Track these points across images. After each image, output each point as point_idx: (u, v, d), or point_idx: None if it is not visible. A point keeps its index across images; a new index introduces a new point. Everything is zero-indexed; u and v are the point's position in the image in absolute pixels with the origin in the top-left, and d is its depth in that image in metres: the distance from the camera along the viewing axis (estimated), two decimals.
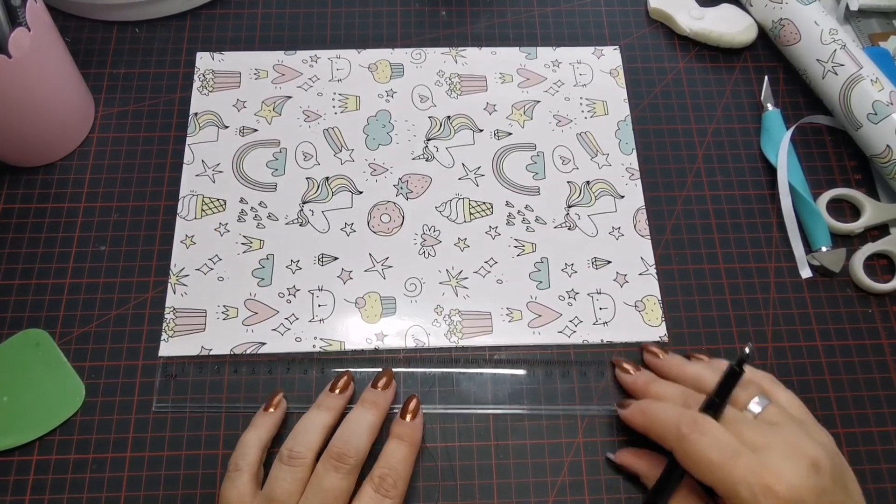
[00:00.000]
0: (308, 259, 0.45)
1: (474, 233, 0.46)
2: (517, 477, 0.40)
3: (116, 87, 0.50)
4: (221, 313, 0.44)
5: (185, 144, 0.48)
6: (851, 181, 0.49)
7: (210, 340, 0.43)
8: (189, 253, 0.45)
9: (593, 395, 0.42)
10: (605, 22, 0.54)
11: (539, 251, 0.46)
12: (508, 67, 0.51)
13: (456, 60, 0.51)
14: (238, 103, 0.49)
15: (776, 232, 0.47)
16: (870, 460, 0.41)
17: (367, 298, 0.44)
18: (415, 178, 0.47)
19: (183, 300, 0.44)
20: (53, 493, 0.39)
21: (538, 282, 0.45)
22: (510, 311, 0.44)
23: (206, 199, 0.47)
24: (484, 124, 0.49)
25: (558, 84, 0.51)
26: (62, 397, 0.41)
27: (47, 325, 0.43)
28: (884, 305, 0.45)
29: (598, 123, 0.50)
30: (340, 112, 0.49)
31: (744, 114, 0.51)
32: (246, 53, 0.51)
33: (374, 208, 0.47)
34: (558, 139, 0.49)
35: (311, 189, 0.47)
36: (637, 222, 0.47)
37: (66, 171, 0.48)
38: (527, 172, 0.48)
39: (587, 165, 0.48)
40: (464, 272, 0.45)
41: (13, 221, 0.46)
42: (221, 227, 0.46)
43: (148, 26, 0.52)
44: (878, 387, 0.43)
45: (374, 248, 0.46)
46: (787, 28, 0.50)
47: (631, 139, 0.49)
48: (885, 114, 0.45)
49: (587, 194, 0.47)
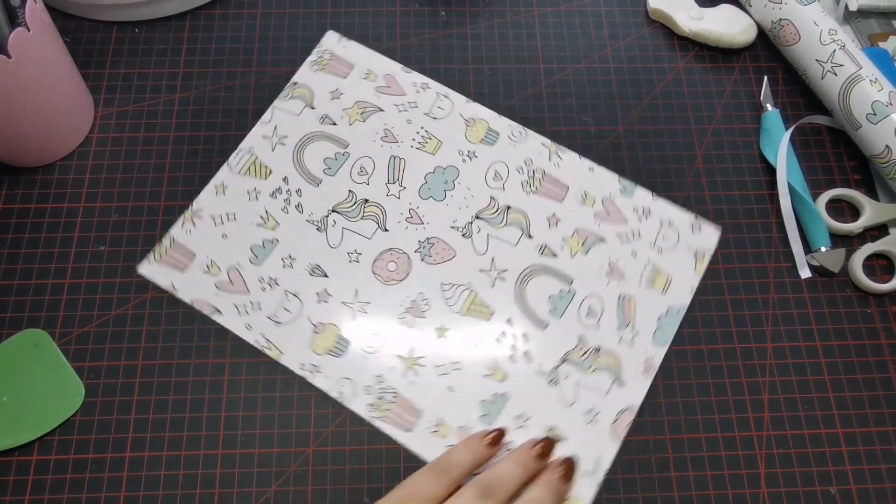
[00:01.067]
0: (303, 262, 0.45)
1: (460, 329, 0.43)
2: None
3: (116, 88, 0.50)
4: (205, 265, 0.44)
5: (272, 105, 0.49)
6: (851, 181, 0.49)
7: (181, 283, 0.44)
8: (215, 200, 0.46)
9: None
10: (604, 22, 0.54)
11: (505, 385, 0.42)
12: (596, 190, 0.47)
13: (550, 158, 0.48)
14: (336, 92, 0.49)
15: (775, 232, 0.47)
16: (869, 460, 0.41)
17: (326, 328, 0.43)
18: (441, 246, 0.45)
19: (184, 236, 0.45)
20: (53, 493, 0.39)
21: (485, 413, 0.41)
22: (440, 425, 0.41)
23: (258, 161, 0.47)
24: (537, 233, 0.46)
25: (635, 234, 0.46)
26: (62, 397, 0.41)
27: (47, 325, 0.43)
28: (883, 306, 0.45)
29: (647, 297, 0.44)
30: (417, 147, 0.48)
31: (743, 114, 0.51)
32: (368, 51, 0.51)
33: (388, 252, 0.45)
34: (599, 288, 0.44)
35: (347, 202, 0.46)
36: (618, 422, 0.41)
37: (65, 172, 0.48)
38: (546, 303, 0.44)
39: (609, 331, 0.43)
40: (425, 359, 0.42)
41: (13, 221, 0.46)
42: (254, 192, 0.46)
43: (147, 26, 0.52)
44: (877, 387, 0.43)
45: (364, 287, 0.44)
46: (787, 28, 0.50)
47: (671, 334, 0.43)
48: (884, 114, 0.45)
49: (590, 360, 0.42)
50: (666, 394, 0.42)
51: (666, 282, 0.44)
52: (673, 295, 0.44)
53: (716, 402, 0.42)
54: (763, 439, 0.42)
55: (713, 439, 0.42)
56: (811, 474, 0.41)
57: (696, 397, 0.42)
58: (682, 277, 0.45)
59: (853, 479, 0.41)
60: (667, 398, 0.42)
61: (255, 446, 0.41)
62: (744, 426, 0.42)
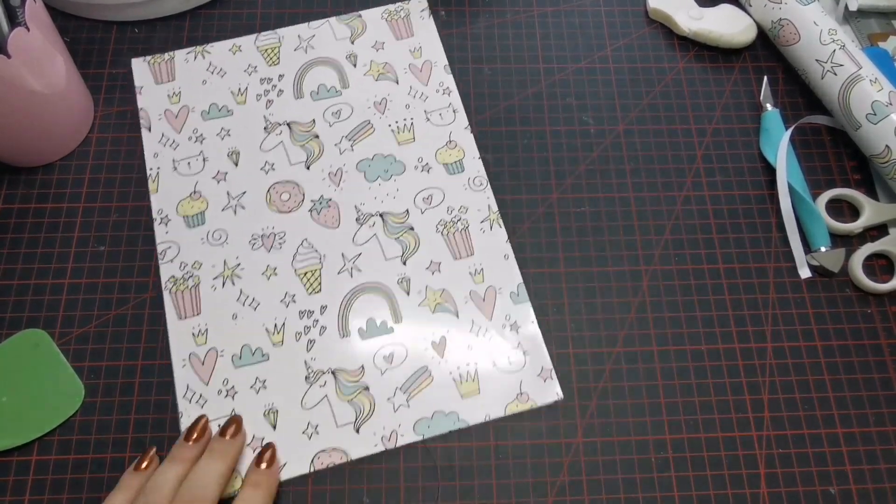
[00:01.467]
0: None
1: (289, 282, 0.44)
2: (516, 477, 0.40)
3: (115, 87, 0.50)
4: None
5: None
6: (850, 181, 0.49)
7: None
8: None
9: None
10: (604, 22, 0.54)
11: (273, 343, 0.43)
12: (492, 277, 0.45)
13: (483, 221, 0.47)
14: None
15: (775, 232, 0.47)
16: (869, 460, 0.41)
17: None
18: (333, 213, 0.46)
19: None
20: (52, 494, 0.39)
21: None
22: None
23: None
24: (413, 266, 0.45)
25: (483, 329, 0.44)
26: (61, 397, 0.41)
27: (46, 325, 0.43)
28: (882, 305, 0.45)
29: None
30: (393, 129, 0.49)
31: (743, 114, 0.51)
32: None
33: (291, 184, 0.47)
34: (422, 350, 0.43)
35: (307, 125, 0.49)
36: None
37: (65, 171, 0.47)
38: (363, 322, 0.44)
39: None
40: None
41: (12, 221, 0.46)
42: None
43: (147, 26, 0.52)
44: (876, 387, 0.43)
45: (262, 215, 0.46)
46: (787, 28, 0.50)
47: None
48: (884, 114, 0.45)
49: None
50: (666, 394, 0.42)
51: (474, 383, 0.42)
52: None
53: (716, 402, 0.42)
54: (763, 439, 0.42)
55: (713, 439, 0.42)
56: (811, 474, 0.41)
57: (696, 397, 0.42)
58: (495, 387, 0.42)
59: (853, 479, 0.41)
60: (667, 398, 0.42)
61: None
62: (744, 426, 0.42)
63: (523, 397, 0.42)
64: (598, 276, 0.46)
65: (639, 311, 0.45)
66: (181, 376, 0.42)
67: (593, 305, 0.45)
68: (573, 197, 0.48)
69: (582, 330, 0.44)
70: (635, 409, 0.42)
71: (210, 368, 0.42)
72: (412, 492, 0.40)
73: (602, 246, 0.46)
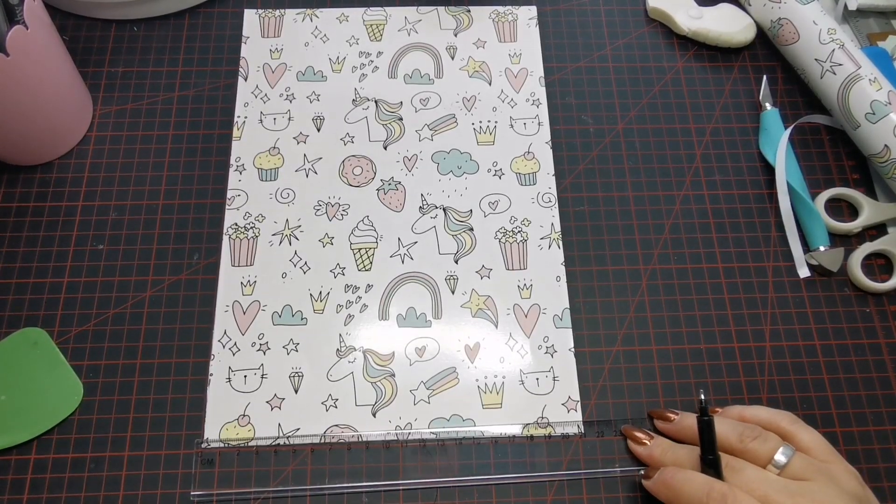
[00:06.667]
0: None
1: (343, 251, 0.45)
2: (515, 475, 0.40)
3: (114, 86, 0.50)
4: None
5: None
6: (850, 181, 0.49)
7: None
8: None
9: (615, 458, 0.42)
10: (604, 22, 0.54)
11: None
12: (541, 298, 0.45)
13: (544, 239, 0.46)
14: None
15: (774, 231, 0.47)
16: (867, 459, 0.41)
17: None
18: (399, 196, 0.47)
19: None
20: (51, 493, 0.39)
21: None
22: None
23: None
24: (463, 266, 0.45)
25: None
26: (60, 396, 0.41)
27: (45, 323, 0.43)
28: (881, 305, 0.45)
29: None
30: (477, 129, 0.49)
31: (742, 113, 0.51)
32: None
33: (364, 159, 0.47)
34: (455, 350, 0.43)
35: (392, 104, 0.49)
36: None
37: (63, 170, 0.47)
38: (404, 309, 0.44)
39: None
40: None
41: (11, 220, 0.46)
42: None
43: (146, 25, 0.52)
44: (875, 386, 0.43)
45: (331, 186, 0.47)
46: (786, 27, 0.50)
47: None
48: (883, 113, 0.45)
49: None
50: (666, 393, 0.42)
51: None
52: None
53: (715, 402, 0.42)
54: None
55: None
56: None
57: (695, 397, 0.42)
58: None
59: None
60: (666, 397, 0.42)
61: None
62: None
63: (543, 422, 0.41)
64: (597, 276, 0.46)
65: (638, 310, 0.45)
66: (221, 320, 0.43)
67: (592, 305, 0.45)
68: (573, 196, 0.48)
69: (581, 329, 0.44)
70: (634, 408, 0.42)
71: (250, 319, 0.43)
72: (412, 491, 0.40)
73: (601, 245, 0.46)
